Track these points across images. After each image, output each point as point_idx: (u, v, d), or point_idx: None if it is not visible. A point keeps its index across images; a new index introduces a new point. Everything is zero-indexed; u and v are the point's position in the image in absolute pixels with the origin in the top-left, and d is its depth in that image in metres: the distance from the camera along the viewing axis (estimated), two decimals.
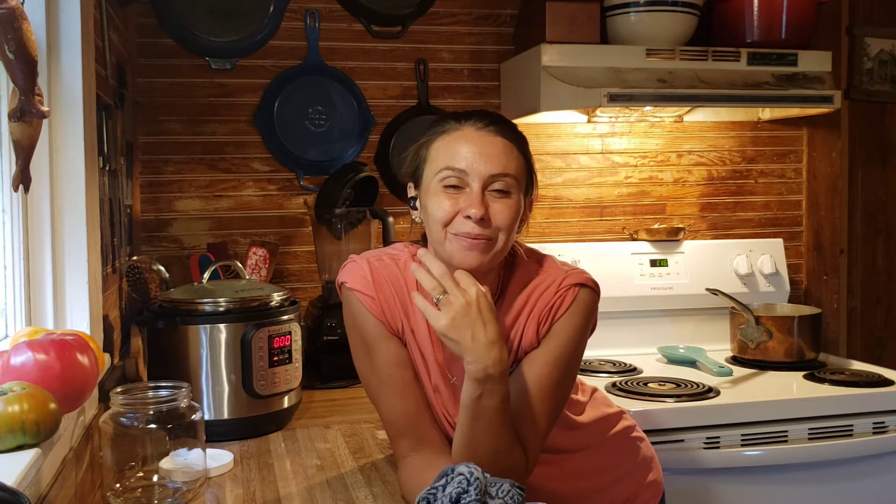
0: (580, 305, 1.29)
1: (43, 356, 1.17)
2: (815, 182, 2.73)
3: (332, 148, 2.41)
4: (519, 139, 1.29)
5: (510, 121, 1.32)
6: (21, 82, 1.14)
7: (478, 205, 1.21)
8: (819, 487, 1.98)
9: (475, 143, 1.24)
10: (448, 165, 1.23)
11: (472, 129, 1.26)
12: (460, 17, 2.50)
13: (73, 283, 1.50)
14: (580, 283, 1.30)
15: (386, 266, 1.35)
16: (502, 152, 1.24)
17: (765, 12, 2.31)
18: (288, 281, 2.40)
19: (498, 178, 1.23)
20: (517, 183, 1.26)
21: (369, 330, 1.32)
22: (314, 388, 2.04)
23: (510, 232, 1.25)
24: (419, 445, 1.29)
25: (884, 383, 2.10)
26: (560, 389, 1.28)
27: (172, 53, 2.31)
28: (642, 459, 1.55)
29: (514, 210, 1.25)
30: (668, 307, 2.49)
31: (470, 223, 1.21)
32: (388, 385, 1.31)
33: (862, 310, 2.68)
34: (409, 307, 1.33)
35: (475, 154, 1.23)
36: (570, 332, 1.28)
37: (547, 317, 1.29)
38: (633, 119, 2.57)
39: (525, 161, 1.29)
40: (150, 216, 2.33)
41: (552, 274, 1.32)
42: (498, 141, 1.25)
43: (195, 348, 1.66)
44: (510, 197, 1.24)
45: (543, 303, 1.29)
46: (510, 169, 1.24)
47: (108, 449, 1.28)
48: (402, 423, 1.30)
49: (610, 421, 1.54)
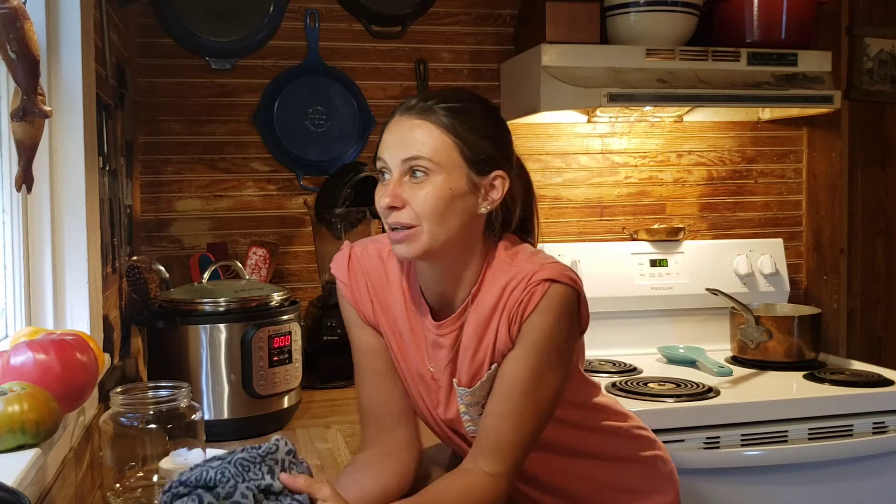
0: (551, 302, 1.20)
1: (43, 356, 1.17)
2: (815, 182, 2.73)
3: (332, 148, 2.41)
4: (448, 118, 1.19)
5: (453, 97, 1.23)
6: (23, 82, 1.14)
7: (388, 193, 1.18)
8: (819, 487, 1.98)
9: (395, 130, 1.21)
10: (378, 156, 1.22)
11: (399, 116, 1.22)
12: (460, 17, 2.50)
13: (73, 283, 1.50)
14: (551, 279, 1.20)
15: (368, 255, 1.35)
16: (418, 137, 1.18)
17: (765, 12, 2.31)
18: (288, 281, 2.40)
19: (410, 164, 1.18)
20: (436, 165, 1.17)
21: (347, 316, 1.36)
22: (314, 388, 2.04)
23: (436, 217, 1.18)
24: (379, 437, 1.32)
25: (884, 383, 2.10)
26: (540, 391, 1.22)
27: (172, 53, 2.31)
28: (659, 480, 1.50)
29: (433, 195, 1.17)
30: (668, 307, 2.49)
31: (386, 212, 1.20)
32: (360, 371, 1.36)
33: (862, 310, 2.68)
34: (384, 297, 1.32)
35: (392, 142, 1.20)
36: (542, 329, 1.20)
37: (516, 315, 1.21)
38: (633, 119, 2.57)
39: (457, 140, 1.19)
40: (150, 216, 2.33)
41: (524, 269, 1.23)
42: (415, 124, 1.19)
43: (195, 348, 1.66)
44: (428, 180, 1.17)
45: (514, 300, 1.21)
46: (423, 151, 1.17)
47: (108, 449, 1.28)
48: (369, 413, 1.34)
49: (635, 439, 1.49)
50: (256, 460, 0.98)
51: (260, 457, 0.98)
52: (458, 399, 1.30)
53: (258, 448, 0.99)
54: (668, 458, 1.53)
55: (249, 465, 0.98)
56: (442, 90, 1.28)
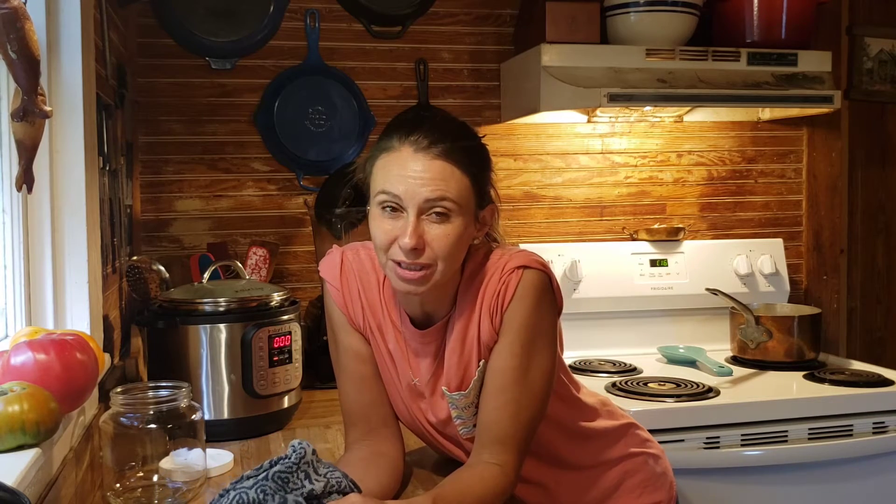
0: (527, 287, 1.23)
1: (43, 356, 1.17)
2: (815, 182, 2.73)
3: (332, 148, 2.41)
4: (466, 157, 1.20)
5: (461, 133, 1.23)
6: (24, 82, 1.14)
7: (411, 234, 1.16)
8: (819, 487, 1.98)
9: (411, 166, 1.17)
10: (384, 189, 1.19)
11: (411, 150, 1.18)
12: (460, 17, 2.50)
13: (73, 283, 1.50)
14: (523, 266, 1.24)
15: (360, 260, 1.35)
16: (439, 175, 1.17)
17: (765, 12, 2.31)
18: (288, 281, 2.40)
19: (435, 204, 1.17)
20: (458, 206, 1.18)
21: (334, 319, 1.36)
22: (314, 388, 2.04)
23: (451, 256, 1.20)
24: (368, 437, 1.33)
25: (884, 383, 2.10)
26: (532, 376, 1.24)
27: (172, 53, 2.31)
28: (649, 479, 1.50)
29: (454, 235, 1.18)
30: (668, 307, 2.49)
31: (404, 253, 1.18)
32: (346, 375, 1.35)
33: (862, 310, 2.68)
34: (375, 305, 1.33)
35: (411, 179, 1.17)
36: (523, 316, 1.23)
37: (496, 306, 1.24)
38: (633, 119, 2.57)
39: (471, 180, 1.20)
40: (150, 216, 2.33)
41: (495, 261, 1.27)
42: (436, 164, 1.17)
43: (195, 348, 1.66)
44: (449, 222, 1.18)
45: (491, 293, 1.25)
46: (448, 193, 1.17)
47: (108, 449, 1.28)
48: (356, 414, 1.35)
49: (615, 436, 1.49)
50: (293, 469, 0.98)
51: (295, 465, 0.98)
52: (448, 404, 1.30)
53: (288, 457, 0.99)
54: (661, 456, 1.54)
55: (287, 475, 0.97)
56: (436, 120, 1.25)
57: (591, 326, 2.39)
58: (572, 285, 2.39)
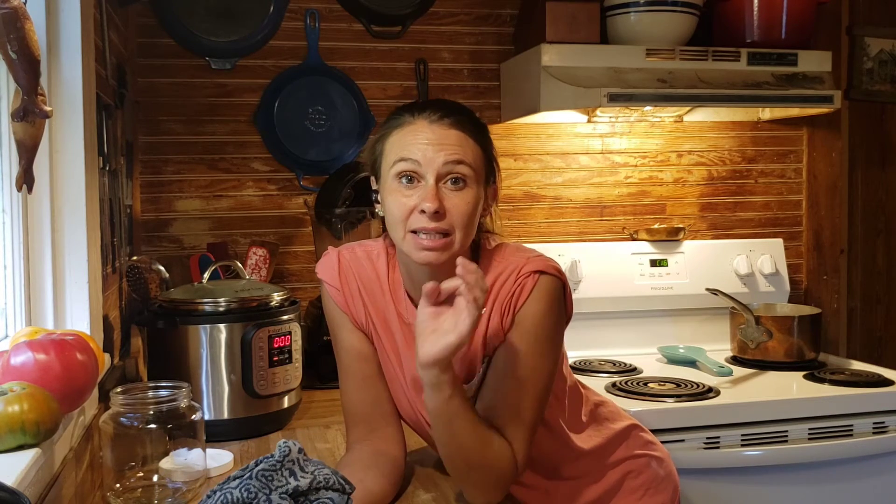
0: (541, 292, 1.24)
1: (43, 356, 1.17)
2: (815, 182, 2.73)
3: (332, 148, 2.41)
4: (476, 129, 1.25)
5: (467, 109, 1.28)
6: (24, 82, 1.14)
7: (432, 198, 1.17)
8: (819, 487, 1.98)
9: (429, 134, 1.20)
10: (402, 156, 1.20)
11: (426, 122, 1.21)
12: (460, 17, 2.50)
13: (73, 283, 1.50)
14: (540, 271, 1.25)
15: (357, 259, 1.35)
16: (456, 142, 1.20)
17: (765, 12, 2.31)
18: (288, 281, 2.40)
19: (453, 168, 1.19)
20: (474, 173, 1.21)
21: (335, 320, 1.36)
22: (314, 388, 2.04)
23: (468, 225, 1.21)
24: (370, 437, 1.33)
25: (884, 383, 2.10)
26: (537, 378, 1.25)
27: (172, 53, 2.31)
28: (652, 481, 1.50)
29: (472, 202, 1.21)
30: (668, 307, 2.49)
31: (425, 218, 1.18)
32: (349, 375, 1.36)
33: (862, 310, 2.68)
34: (378, 301, 1.33)
35: (428, 145, 1.19)
36: (534, 318, 1.24)
37: (508, 307, 1.25)
38: (633, 119, 2.57)
39: (482, 151, 1.25)
40: (150, 216, 2.33)
41: (513, 262, 1.27)
42: (452, 133, 1.21)
43: (195, 348, 1.66)
44: (467, 187, 1.20)
45: (505, 293, 1.25)
46: (466, 157, 1.20)
47: (108, 449, 1.28)
48: (358, 414, 1.35)
49: (615, 443, 1.49)
50: (276, 467, 0.98)
51: (279, 463, 0.98)
52: None
53: (272, 456, 0.99)
54: (666, 459, 1.53)
55: (271, 473, 0.97)
56: (443, 101, 1.29)
57: (591, 326, 2.39)
58: (572, 285, 2.38)
